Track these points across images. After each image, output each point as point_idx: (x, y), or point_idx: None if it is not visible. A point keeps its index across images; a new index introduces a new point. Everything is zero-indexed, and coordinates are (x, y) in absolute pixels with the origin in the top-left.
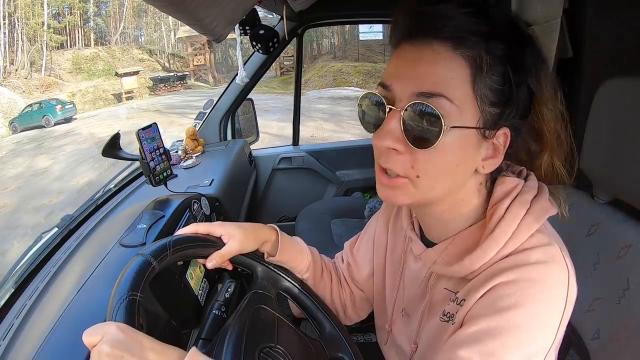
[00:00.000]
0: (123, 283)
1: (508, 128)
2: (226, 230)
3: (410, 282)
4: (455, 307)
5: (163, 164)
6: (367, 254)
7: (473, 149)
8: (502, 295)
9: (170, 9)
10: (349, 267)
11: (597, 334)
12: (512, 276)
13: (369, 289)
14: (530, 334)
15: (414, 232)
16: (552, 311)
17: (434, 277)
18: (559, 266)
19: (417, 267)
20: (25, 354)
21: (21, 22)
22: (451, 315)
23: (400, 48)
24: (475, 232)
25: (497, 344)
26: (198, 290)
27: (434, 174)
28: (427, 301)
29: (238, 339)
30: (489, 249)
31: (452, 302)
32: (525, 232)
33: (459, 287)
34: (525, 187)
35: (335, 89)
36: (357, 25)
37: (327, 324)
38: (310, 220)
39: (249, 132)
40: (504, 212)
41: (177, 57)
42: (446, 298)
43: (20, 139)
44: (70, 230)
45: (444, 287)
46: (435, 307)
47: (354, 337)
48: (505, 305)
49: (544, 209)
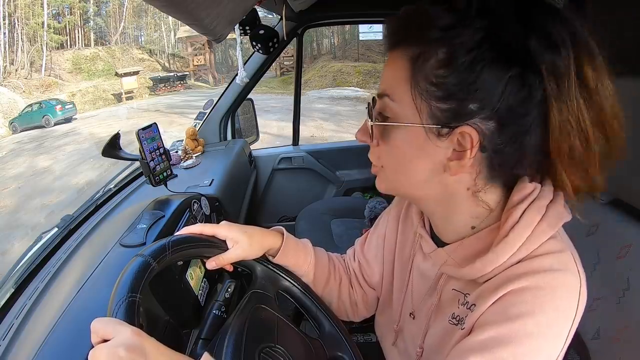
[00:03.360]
0: (122, 284)
1: (471, 127)
2: (232, 235)
3: (419, 280)
4: (465, 311)
5: (163, 164)
6: (377, 252)
7: (425, 146)
8: (514, 302)
9: (170, 9)
10: (360, 266)
11: (597, 334)
12: (524, 283)
13: (380, 287)
14: (541, 343)
15: (424, 229)
16: (562, 319)
17: (445, 278)
18: (572, 274)
19: (426, 266)
20: (25, 354)
21: (21, 22)
22: (460, 319)
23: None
24: (487, 236)
25: (506, 353)
26: (198, 290)
27: (393, 166)
28: (436, 301)
29: (238, 339)
30: (502, 252)
31: (462, 306)
32: (539, 238)
33: (469, 290)
34: (541, 192)
35: (335, 89)
36: (357, 25)
37: (326, 323)
38: (310, 220)
39: (249, 132)
40: (519, 217)
41: (177, 57)
42: (455, 299)
43: (21, 138)
44: (70, 230)
45: (453, 287)
46: (444, 308)
47: (354, 337)
48: (517, 313)
49: (559, 215)
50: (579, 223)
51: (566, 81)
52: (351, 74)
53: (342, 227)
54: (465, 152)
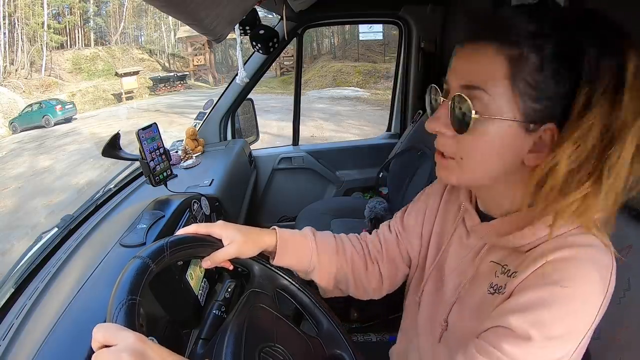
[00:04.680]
0: (121, 287)
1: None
2: (227, 234)
3: (455, 254)
4: (505, 279)
5: (163, 164)
6: (416, 225)
7: (514, 140)
8: (555, 269)
9: (170, 9)
10: (397, 238)
11: (598, 334)
12: (566, 253)
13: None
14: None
15: (470, 203)
16: (598, 291)
17: (485, 250)
18: (608, 252)
19: (468, 240)
20: (25, 354)
21: (21, 22)
22: (499, 287)
23: (460, 48)
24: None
25: (546, 314)
26: (198, 290)
27: (475, 158)
28: (471, 274)
29: (237, 339)
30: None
31: (501, 274)
32: None
33: (508, 260)
34: None
35: (335, 88)
36: (357, 25)
37: (324, 321)
38: (310, 220)
39: (249, 132)
40: None
41: (177, 57)
42: (492, 271)
43: (21, 138)
44: (70, 230)
45: (491, 260)
46: (479, 280)
47: (354, 337)
48: (557, 278)
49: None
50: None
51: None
52: (351, 74)
53: (342, 227)
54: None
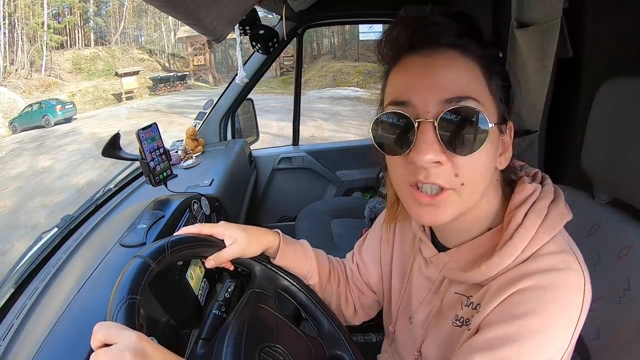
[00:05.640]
0: (122, 286)
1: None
2: (230, 233)
3: (419, 285)
4: (471, 312)
5: (163, 164)
6: (375, 255)
7: (496, 145)
8: (519, 302)
9: (170, 9)
10: (358, 267)
11: (598, 334)
12: (528, 283)
13: (380, 290)
14: (545, 341)
15: (424, 233)
16: (567, 318)
17: (447, 282)
18: (575, 273)
19: (427, 271)
20: (25, 354)
21: (21, 22)
22: (465, 320)
23: (403, 62)
24: (491, 238)
25: (512, 351)
26: (198, 290)
27: (476, 178)
28: (437, 306)
29: (238, 339)
30: (506, 255)
31: (465, 307)
32: (542, 238)
33: (472, 292)
34: (542, 193)
35: (335, 89)
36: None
37: (325, 322)
38: (310, 220)
39: (249, 132)
40: (522, 218)
41: (177, 57)
42: (457, 303)
43: (21, 138)
44: (70, 230)
45: (456, 291)
46: (445, 312)
47: (354, 337)
48: (522, 312)
49: (560, 215)
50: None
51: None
52: (351, 74)
53: (342, 227)
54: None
